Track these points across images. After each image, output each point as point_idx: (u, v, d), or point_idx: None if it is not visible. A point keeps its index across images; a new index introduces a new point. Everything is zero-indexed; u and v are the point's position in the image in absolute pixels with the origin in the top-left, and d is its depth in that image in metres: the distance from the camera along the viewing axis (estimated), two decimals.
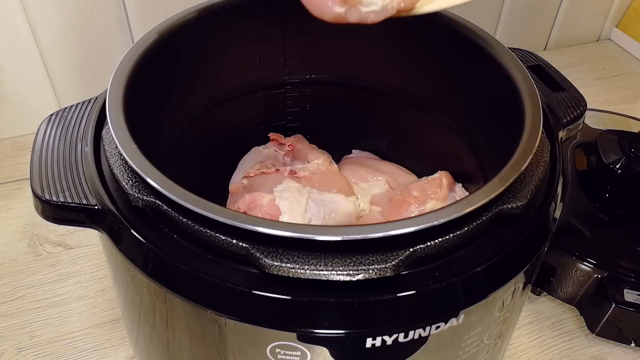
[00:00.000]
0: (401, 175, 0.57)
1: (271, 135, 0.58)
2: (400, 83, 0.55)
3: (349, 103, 0.58)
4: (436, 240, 0.32)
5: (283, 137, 0.58)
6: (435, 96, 0.53)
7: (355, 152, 0.62)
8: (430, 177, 0.52)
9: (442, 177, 0.51)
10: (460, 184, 0.52)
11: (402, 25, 0.51)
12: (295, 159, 0.57)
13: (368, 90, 0.56)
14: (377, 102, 0.57)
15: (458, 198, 0.49)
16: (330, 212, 0.49)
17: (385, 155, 0.61)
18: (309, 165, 0.55)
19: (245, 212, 0.45)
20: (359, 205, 0.54)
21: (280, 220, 0.46)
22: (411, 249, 0.32)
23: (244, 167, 0.56)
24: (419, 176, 0.56)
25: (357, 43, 0.54)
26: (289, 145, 0.57)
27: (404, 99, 0.55)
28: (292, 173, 0.52)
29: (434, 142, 0.55)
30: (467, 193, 0.50)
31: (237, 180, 0.55)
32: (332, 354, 0.33)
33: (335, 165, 0.57)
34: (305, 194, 0.49)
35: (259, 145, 0.58)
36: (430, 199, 0.50)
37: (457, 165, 0.52)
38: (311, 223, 0.47)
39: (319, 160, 0.55)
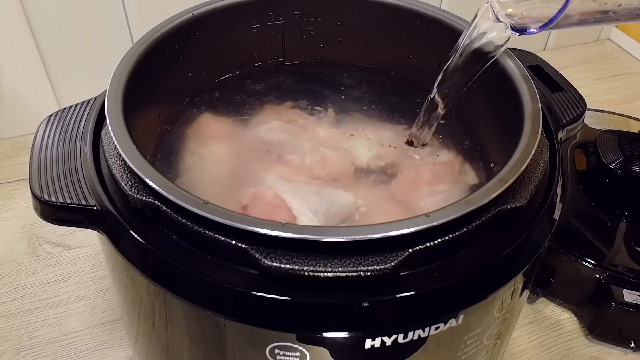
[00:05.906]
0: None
1: (266, 110, 0.56)
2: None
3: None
4: (435, 241, 0.32)
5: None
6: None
7: None
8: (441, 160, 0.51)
9: (453, 162, 0.51)
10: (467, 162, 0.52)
11: (402, 26, 0.51)
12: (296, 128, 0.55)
13: None
14: None
15: (468, 181, 0.49)
16: (331, 203, 0.49)
17: None
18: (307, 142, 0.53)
19: (247, 205, 0.45)
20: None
21: (290, 211, 0.46)
22: (411, 250, 0.32)
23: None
24: None
25: (356, 44, 0.54)
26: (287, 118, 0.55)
27: None
28: (279, 157, 0.51)
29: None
30: (474, 173, 0.50)
31: None
32: (331, 355, 0.33)
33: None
34: (304, 186, 0.48)
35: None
36: (443, 182, 0.49)
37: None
38: (317, 215, 0.47)
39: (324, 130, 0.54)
